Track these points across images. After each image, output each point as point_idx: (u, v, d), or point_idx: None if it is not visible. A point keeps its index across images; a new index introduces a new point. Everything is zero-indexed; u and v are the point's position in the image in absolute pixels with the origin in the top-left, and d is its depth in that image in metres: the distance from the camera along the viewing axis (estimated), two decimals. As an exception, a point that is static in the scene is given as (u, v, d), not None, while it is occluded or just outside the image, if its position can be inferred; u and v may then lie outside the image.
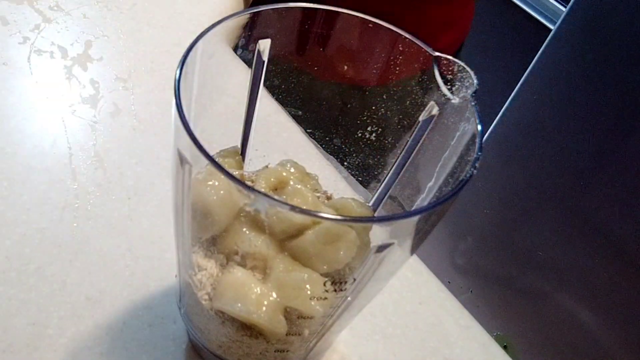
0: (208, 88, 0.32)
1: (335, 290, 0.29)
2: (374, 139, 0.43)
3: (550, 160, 0.85)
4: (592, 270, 0.82)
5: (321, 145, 0.51)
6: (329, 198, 0.36)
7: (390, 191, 0.36)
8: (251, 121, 0.36)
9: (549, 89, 0.84)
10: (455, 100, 0.30)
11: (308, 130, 0.58)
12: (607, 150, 0.78)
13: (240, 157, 0.37)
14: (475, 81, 0.29)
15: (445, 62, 0.30)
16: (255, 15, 0.32)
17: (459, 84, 0.30)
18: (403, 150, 0.35)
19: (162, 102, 0.53)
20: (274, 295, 0.29)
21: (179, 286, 0.35)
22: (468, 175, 0.26)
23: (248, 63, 0.36)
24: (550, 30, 0.82)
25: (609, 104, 0.76)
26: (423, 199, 0.33)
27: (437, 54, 0.30)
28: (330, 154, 0.50)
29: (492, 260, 0.99)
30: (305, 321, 0.30)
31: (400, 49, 0.34)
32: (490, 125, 0.93)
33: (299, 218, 0.29)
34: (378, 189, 0.36)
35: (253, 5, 0.54)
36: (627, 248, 0.77)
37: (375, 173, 0.38)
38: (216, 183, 0.29)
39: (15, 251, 0.41)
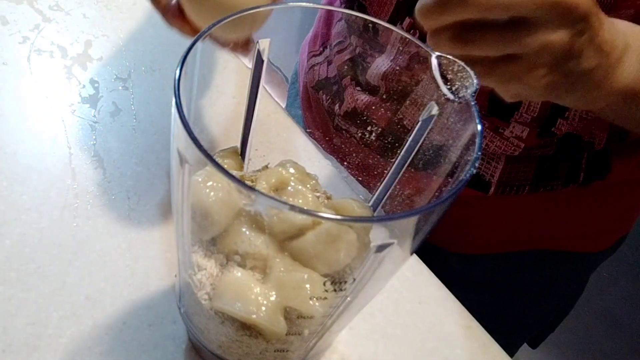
0: (208, 88, 0.33)
1: (335, 290, 0.29)
2: (374, 139, 0.43)
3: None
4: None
5: (321, 145, 0.51)
6: (329, 198, 0.36)
7: (390, 191, 0.36)
8: (251, 121, 0.36)
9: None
10: (455, 100, 0.30)
11: (308, 130, 0.58)
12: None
13: (240, 157, 0.37)
14: (475, 81, 0.29)
15: (445, 62, 0.30)
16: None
17: (459, 84, 0.30)
18: (403, 150, 0.34)
19: (162, 102, 0.53)
20: (274, 295, 0.29)
21: (179, 286, 0.35)
22: (468, 175, 0.26)
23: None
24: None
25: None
26: (423, 199, 0.33)
27: (437, 53, 0.30)
28: (330, 154, 0.50)
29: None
30: (305, 321, 0.30)
31: (400, 49, 0.34)
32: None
33: (299, 218, 0.29)
34: (378, 189, 0.36)
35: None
36: (627, 248, 0.77)
37: (375, 173, 0.38)
38: (216, 184, 0.29)
39: (15, 251, 0.41)
